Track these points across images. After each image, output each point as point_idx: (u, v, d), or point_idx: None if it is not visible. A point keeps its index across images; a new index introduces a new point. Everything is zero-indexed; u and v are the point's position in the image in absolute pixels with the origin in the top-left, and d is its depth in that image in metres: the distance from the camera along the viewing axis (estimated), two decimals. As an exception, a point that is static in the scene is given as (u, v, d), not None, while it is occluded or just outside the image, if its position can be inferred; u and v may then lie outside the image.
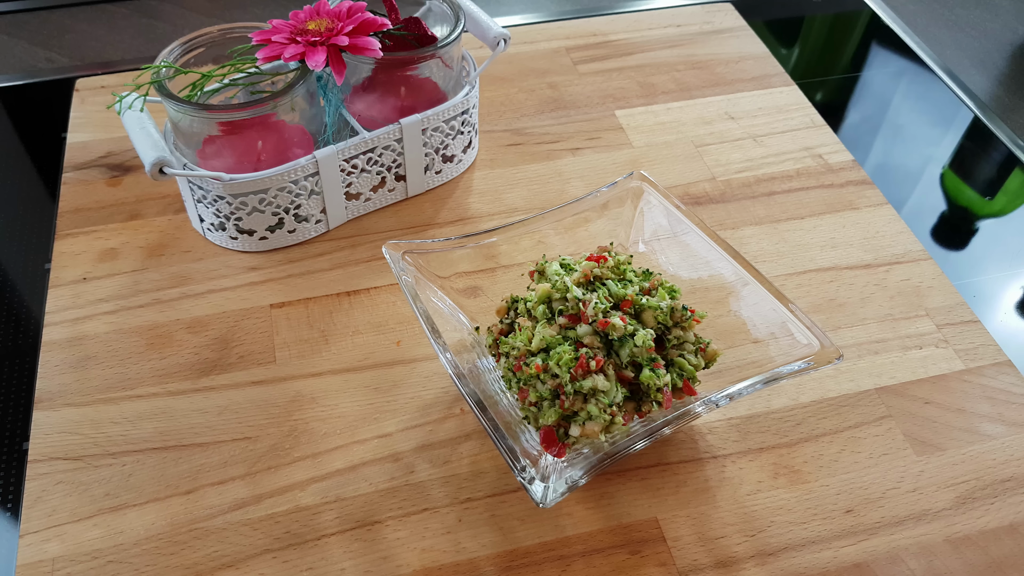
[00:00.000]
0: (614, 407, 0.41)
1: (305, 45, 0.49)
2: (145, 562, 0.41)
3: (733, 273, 0.48)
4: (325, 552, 0.42)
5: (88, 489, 0.44)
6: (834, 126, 0.68)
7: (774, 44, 0.78)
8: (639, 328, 0.43)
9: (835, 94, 0.74)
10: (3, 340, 0.52)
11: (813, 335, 0.43)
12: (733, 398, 0.42)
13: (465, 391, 0.40)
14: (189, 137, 0.51)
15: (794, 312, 0.45)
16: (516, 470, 0.38)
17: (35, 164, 0.64)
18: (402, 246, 0.46)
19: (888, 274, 0.56)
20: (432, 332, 0.42)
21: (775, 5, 0.84)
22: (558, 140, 0.65)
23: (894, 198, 0.62)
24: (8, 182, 0.63)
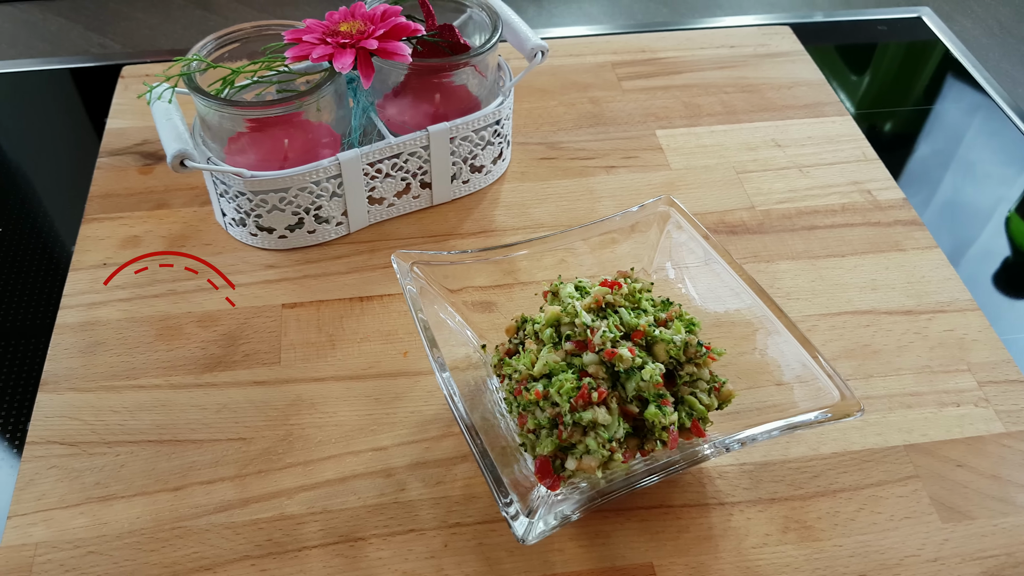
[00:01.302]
0: (614, 443, 0.39)
1: (335, 47, 0.48)
2: (125, 556, 0.41)
3: (757, 310, 0.45)
4: (304, 564, 0.41)
5: (80, 476, 0.44)
6: (901, 159, 0.64)
7: (843, 70, 0.75)
8: (648, 361, 0.41)
9: (904, 126, 0.70)
10: (21, 319, 0.52)
11: (833, 384, 0.40)
12: (744, 444, 0.40)
13: (456, 412, 0.39)
14: (216, 132, 0.51)
15: (816, 357, 0.42)
16: (500, 503, 0.36)
17: (78, 147, 0.65)
18: (412, 256, 0.45)
19: (930, 323, 0.52)
20: (430, 346, 0.41)
21: (848, 30, 0.81)
22: (593, 157, 0.63)
23: (955, 239, 0.59)
24: (51, 162, 0.64)
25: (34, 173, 0.63)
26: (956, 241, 0.60)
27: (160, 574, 0.40)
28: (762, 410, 0.44)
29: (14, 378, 0.49)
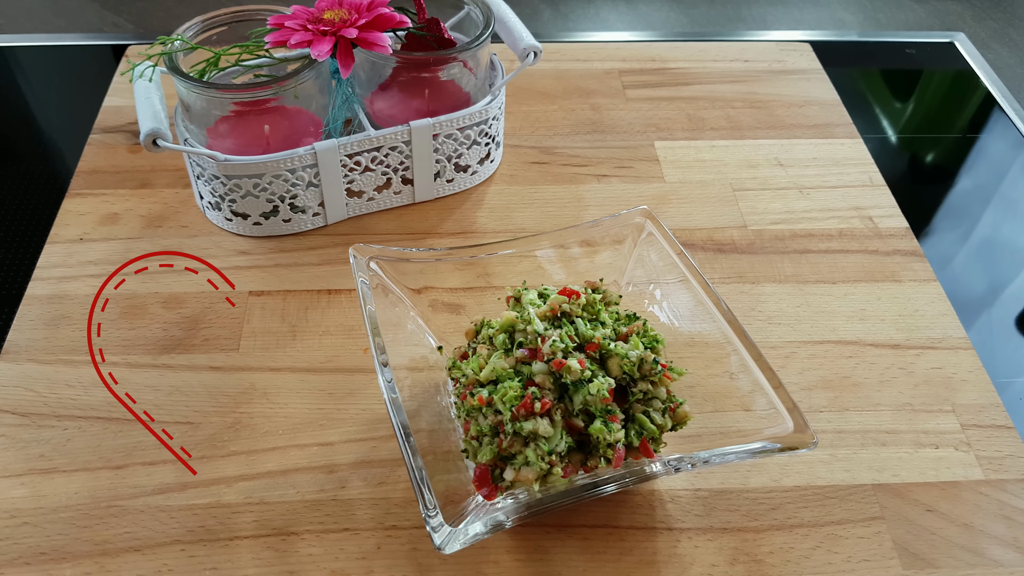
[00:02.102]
0: (554, 456, 0.39)
1: (315, 34, 0.48)
2: (58, 530, 0.41)
3: (721, 332, 0.44)
4: (233, 554, 0.41)
5: (26, 447, 0.44)
6: (942, 191, 0.62)
7: (887, 96, 0.73)
8: (599, 375, 0.40)
9: (924, 154, 0.68)
10: (-4, 287, 0.54)
11: (788, 413, 0.39)
12: (692, 465, 0.39)
13: (390, 409, 0.38)
14: (197, 115, 0.52)
15: (777, 385, 0.41)
16: (423, 507, 0.36)
17: (78, 123, 0.66)
18: (371, 250, 0.45)
19: (918, 359, 0.51)
20: (374, 336, 0.41)
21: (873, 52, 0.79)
22: (586, 164, 0.62)
23: (966, 273, 0.57)
24: (49, 136, 0.66)
25: (31, 145, 0.65)
26: (989, 276, 0.57)
27: (90, 551, 0.40)
28: (726, 435, 0.43)
29: (-21, 345, 0.50)
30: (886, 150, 0.67)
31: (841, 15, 0.80)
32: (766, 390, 0.41)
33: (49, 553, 0.40)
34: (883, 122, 0.70)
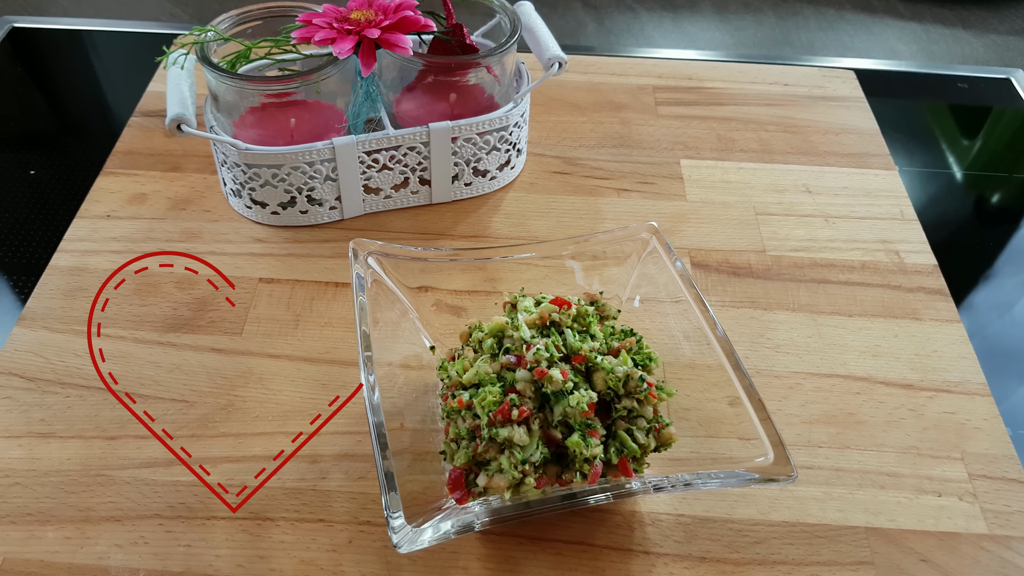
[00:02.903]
0: (528, 465, 0.38)
1: (339, 32, 0.49)
2: (46, 493, 0.42)
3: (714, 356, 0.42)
4: (208, 533, 0.41)
5: (28, 411, 0.46)
6: (982, 230, 0.60)
7: (955, 132, 0.70)
8: (583, 388, 0.40)
9: (992, 195, 0.65)
10: (29, 256, 0.55)
11: (769, 443, 0.38)
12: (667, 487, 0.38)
13: (370, 412, 0.38)
14: (225, 105, 0.53)
15: (764, 417, 0.39)
16: (384, 506, 0.35)
17: (124, 105, 0.68)
18: (371, 246, 0.45)
19: (930, 401, 0.48)
20: (360, 323, 0.41)
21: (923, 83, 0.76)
22: (608, 177, 0.61)
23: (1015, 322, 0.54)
24: (96, 118, 0.68)
25: (80, 123, 0.67)
26: (996, 321, 0.55)
27: (73, 516, 0.41)
28: (716, 461, 0.42)
29: (4, 309, 0.52)
30: (926, 184, 0.65)
31: (894, 45, 0.77)
32: (752, 419, 0.39)
33: (35, 514, 0.41)
34: (928, 156, 0.68)
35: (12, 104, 0.69)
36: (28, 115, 0.69)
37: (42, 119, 0.68)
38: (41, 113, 0.69)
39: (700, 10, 0.85)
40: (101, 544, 0.40)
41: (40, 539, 0.40)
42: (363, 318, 0.41)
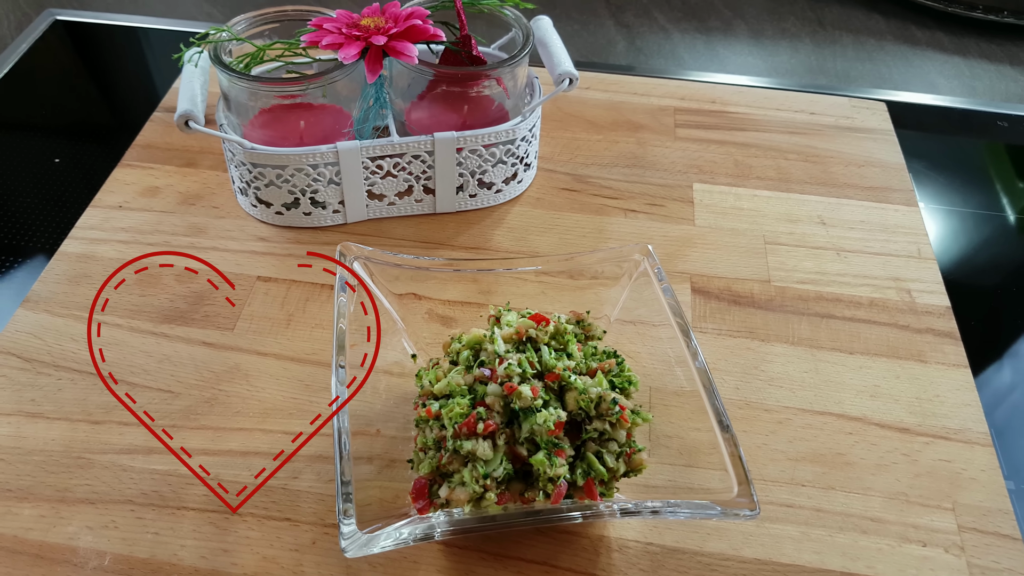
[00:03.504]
0: (489, 480, 0.38)
1: (347, 38, 0.50)
2: (27, 471, 0.44)
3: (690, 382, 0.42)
4: (177, 523, 0.42)
5: (21, 390, 0.47)
6: (1006, 274, 0.59)
7: (990, 171, 0.68)
8: (553, 406, 0.40)
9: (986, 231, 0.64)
10: (42, 242, 0.58)
11: (734, 476, 0.37)
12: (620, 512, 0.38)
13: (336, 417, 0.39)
14: (236, 105, 0.54)
15: (734, 453, 0.38)
16: (337, 511, 0.36)
17: (151, 100, 0.71)
18: (356, 250, 0.46)
19: (926, 447, 0.47)
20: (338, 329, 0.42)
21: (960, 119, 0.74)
22: (617, 197, 0.61)
23: None
24: (123, 110, 0.71)
25: (107, 116, 0.70)
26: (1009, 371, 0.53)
27: (50, 496, 0.43)
28: (693, 491, 0.42)
29: (9, 291, 0.54)
30: (953, 223, 0.63)
31: (934, 79, 0.76)
32: (722, 451, 0.39)
33: (14, 491, 0.43)
34: (958, 194, 0.66)
35: (47, 93, 0.73)
36: (60, 105, 0.72)
37: (72, 110, 0.71)
38: (72, 104, 0.72)
39: (735, 33, 0.85)
40: (73, 525, 0.42)
41: (16, 515, 0.42)
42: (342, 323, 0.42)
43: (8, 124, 0.69)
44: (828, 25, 0.87)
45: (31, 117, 0.70)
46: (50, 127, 0.69)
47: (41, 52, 0.77)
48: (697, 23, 0.87)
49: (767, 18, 0.88)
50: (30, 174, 0.64)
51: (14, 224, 0.59)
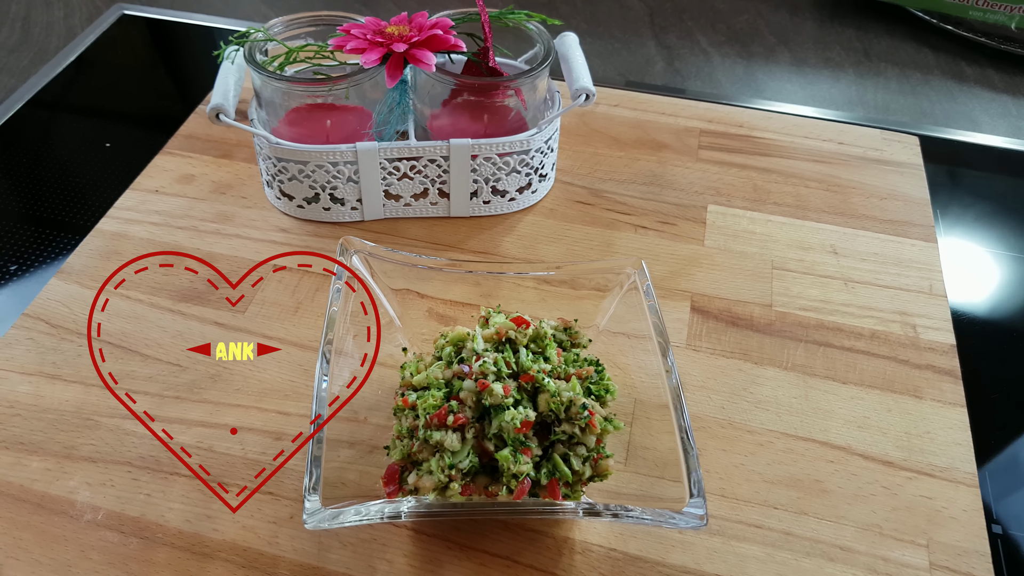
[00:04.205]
0: (454, 471, 0.40)
1: (370, 43, 0.53)
2: (40, 427, 0.48)
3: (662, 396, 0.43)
4: (167, 488, 0.45)
5: (44, 353, 0.52)
6: None
7: (1004, 206, 0.68)
8: (524, 406, 0.41)
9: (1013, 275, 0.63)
10: (87, 218, 0.62)
11: (689, 487, 0.38)
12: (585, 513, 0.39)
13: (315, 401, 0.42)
14: (266, 102, 0.58)
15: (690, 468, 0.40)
16: (304, 486, 0.38)
17: (201, 94, 0.76)
18: (357, 244, 0.48)
19: (908, 482, 0.47)
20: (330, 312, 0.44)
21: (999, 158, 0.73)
22: (629, 213, 0.63)
23: None
24: (173, 102, 0.76)
25: (157, 107, 0.75)
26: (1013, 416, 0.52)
27: (58, 451, 0.47)
28: (663, 502, 0.42)
29: (48, 261, 0.59)
30: (975, 262, 0.62)
31: (978, 116, 0.75)
32: (681, 463, 0.40)
33: (26, 444, 0.47)
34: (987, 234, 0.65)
35: (107, 82, 0.78)
36: (118, 93, 0.77)
37: (128, 98, 0.77)
38: (129, 93, 0.77)
39: (777, 60, 0.85)
40: (75, 480, 0.45)
41: (25, 467, 0.46)
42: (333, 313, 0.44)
43: (70, 108, 0.74)
44: (874, 57, 0.87)
45: (91, 103, 0.75)
46: (106, 113, 0.75)
47: (106, 43, 0.83)
48: (740, 48, 0.88)
49: (812, 47, 0.88)
50: (82, 155, 0.69)
51: (62, 201, 0.64)
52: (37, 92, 0.75)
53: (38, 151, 0.69)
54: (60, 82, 0.77)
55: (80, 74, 0.79)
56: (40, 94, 0.75)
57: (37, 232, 0.62)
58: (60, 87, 0.77)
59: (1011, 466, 0.49)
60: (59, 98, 0.76)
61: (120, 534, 0.43)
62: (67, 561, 0.42)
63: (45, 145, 0.70)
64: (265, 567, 0.42)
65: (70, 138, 0.71)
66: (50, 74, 0.77)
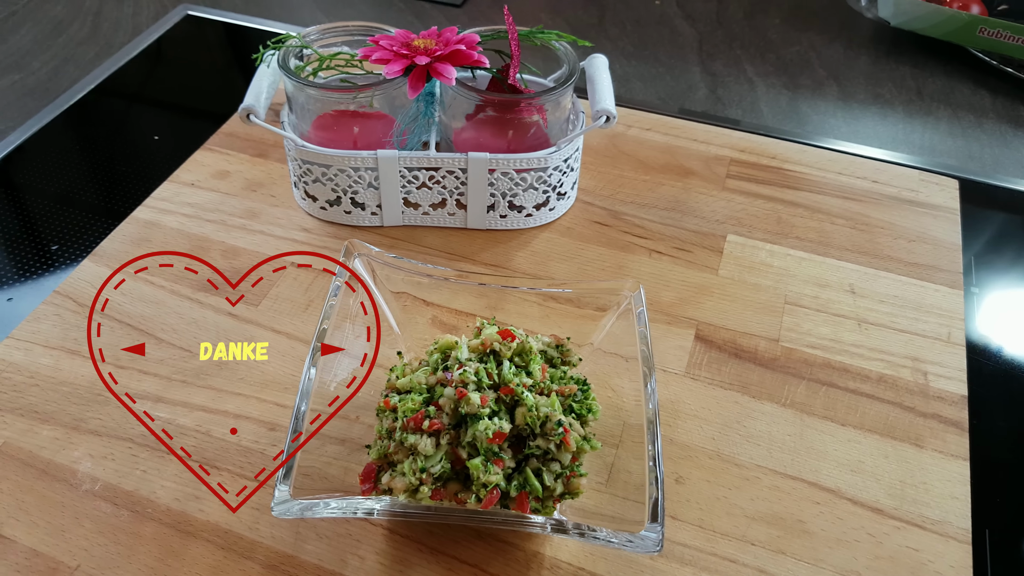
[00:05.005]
0: (425, 474, 0.42)
1: (394, 55, 0.56)
2: (53, 398, 0.51)
3: (641, 418, 0.44)
4: (161, 466, 0.48)
5: (68, 330, 0.55)
6: None
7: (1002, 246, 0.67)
8: (501, 418, 0.43)
9: None
10: (112, 202, 0.66)
11: (648, 511, 0.39)
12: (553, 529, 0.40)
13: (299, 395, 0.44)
14: (297, 106, 0.61)
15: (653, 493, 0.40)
16: (279, 476, 0.40)
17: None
18: (364, 248, 0.50)
19: (896, 532, 0.46)
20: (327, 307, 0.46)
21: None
22: (646, 237, 0.64)
23: None
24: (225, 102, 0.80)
25: (207, 105, 0.79)
26: None
27: (67, 422, 0.50)
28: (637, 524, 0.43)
29: (86, 243, 0.63)
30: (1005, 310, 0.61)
31: (1031, 161, 0.73)
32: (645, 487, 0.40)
33: (39, 413, 0.50)
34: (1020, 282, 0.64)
35: (165, 77, 0.83)
36: (173, 90, 0.82)
37: (181, 94, 0.81)
38: (183, 88, 0.82)
39: (824, 94, 0.85)
40: (79, 451, 0.48)
41: (36, 434, 0.49)
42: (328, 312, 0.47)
43: (126, 100, 0.79)
44: (927, 96, 0.85)
45: (146, 97, 0.80)
46: (159, 108, 0.79)
47: (168, 41, 0.88)
48: (787, 79, 0.88)
49: (863, 82, 0.87)
50: (131, 146, 0.73)
51: (106, 187, 0.68)
52: (98, 84, 0.80)
53: (92, 139, 0.74)
54: (120, 75, 0.82)
55: (139, 69, 0.84)
56: (101, 86, 0.80)
57: (80, 215, 0.66)
58: (120, 80, 0.82)
59: (1009, 526, 0.48)
60: (117, 91, 0.80)
61: (113, 506, 0.46)
62: (62, 526, 0.45)
63: (99, 134, 0.75)
64: (243, 550, 0.45)
65: (122, 129, 0.75)
66: (111, 68, 0.82)
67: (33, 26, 0.92)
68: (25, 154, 0.72)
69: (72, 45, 0.89)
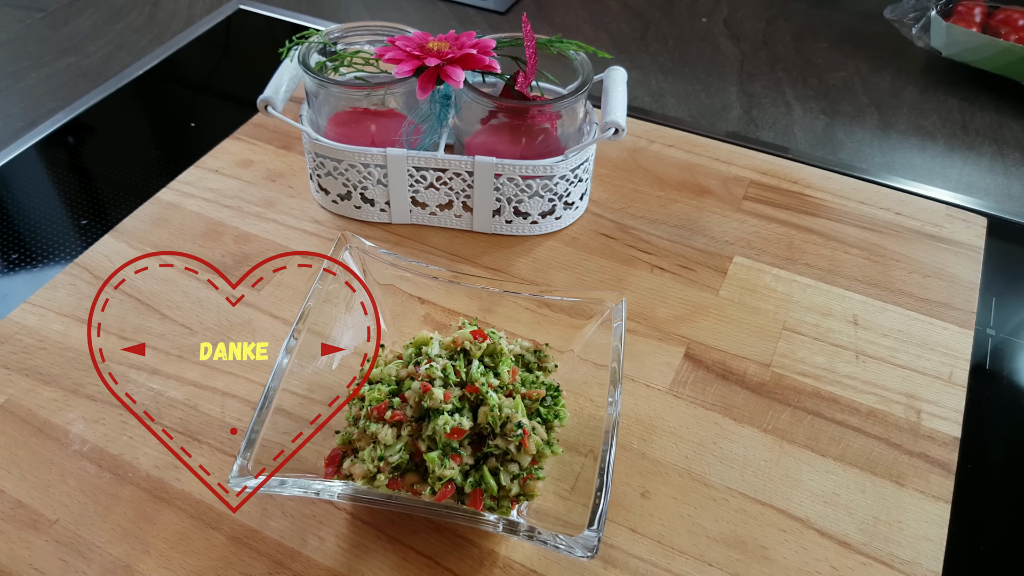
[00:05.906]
0: (383, 463, 0.43)
1: (407, 56, 0.58)
2: (59, 362, 0.55)
3: (603, 428, 0.45)
4: (147, 435, 0.51)
5: (81, 300, 0.59)
6: None
7: None
8: (461, 414, 0.44)
9: None
10: (142, 182, 0.70)
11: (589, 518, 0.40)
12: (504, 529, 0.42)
13: (275, 367, 0.46)
14: (315, 101, 0.64)
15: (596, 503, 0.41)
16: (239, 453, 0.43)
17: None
18: (351, 240, 0.53)
19: (861, 568, 0.46)
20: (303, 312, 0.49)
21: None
22: (650, 252, 0.64)
23: None
24: (259, 92, 0.84)
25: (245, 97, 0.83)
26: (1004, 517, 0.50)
27: (67, 386, 0.54)
28: None
29: (109, 221, 0.67)
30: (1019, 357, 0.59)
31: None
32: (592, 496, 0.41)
33: (44, 375, 0.54)
34: None
35: (209, 68, 0.87)
36: (216, 80, 0.86)
37: (225, 85, 0.85)
38: (226, 81, 0.86)
39: (862, 121, 0.84)
40: (74, 413, 0.52)
41: (37, 395, 0.53)
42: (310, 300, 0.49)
43: (171, 86, 0.84)
44: (972, 131, 0.84)
45: (190, 85, 0.85)
46: (200, 97, 0.84)
47: (219, 32, 0.92)
48: (826, 104, 0.87)
49: (906, 112, 0.86)
50: (168, 132, 0.78)
51: (139, 168, 0.73)
52: (145, 71, 0.85)
53: (133, 123, 0.79)
54: (167, 64, 0.87)
55: (186, 58, 0.88)
56: (147, 73, 0.85)
57: (112, 193, 0.70)
58: (166, 69, 0.87)
59: (981, 574, 0.47)
60: (162, 78, 0.85)
61: (98, 467, 0.49)
62: (48, 482, 0.49)
63: (140, 119, 0.80)
64: (211, 521, 0.47)
65: (164, 114, 0.80)
66: (160, 56, 0.88)
67: (94, 12, 0.99)
68: (70, 133, 0.78)
69: (127, 32, 0.95)
